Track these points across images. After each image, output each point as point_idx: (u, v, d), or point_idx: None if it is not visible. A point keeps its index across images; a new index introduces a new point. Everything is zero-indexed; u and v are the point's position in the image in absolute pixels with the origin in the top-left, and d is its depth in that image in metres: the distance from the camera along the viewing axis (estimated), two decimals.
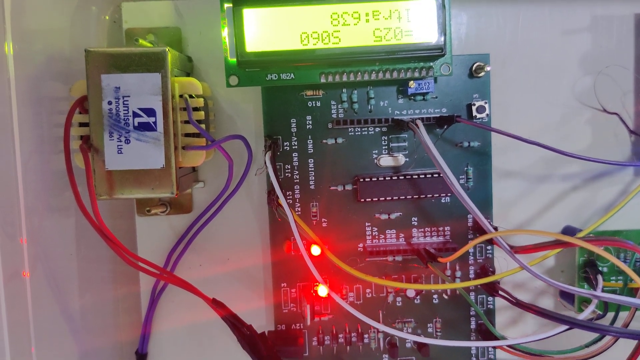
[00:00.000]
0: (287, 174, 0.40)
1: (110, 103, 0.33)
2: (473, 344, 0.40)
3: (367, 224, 0.41)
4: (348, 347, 0.42)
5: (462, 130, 0.40)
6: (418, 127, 0.36)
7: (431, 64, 0.36)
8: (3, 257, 0.31)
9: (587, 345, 0.37)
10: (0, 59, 0.31)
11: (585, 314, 0.36)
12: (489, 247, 0.41)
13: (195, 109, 0.35)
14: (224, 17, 0.34)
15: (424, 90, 0.38)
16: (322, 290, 0.39)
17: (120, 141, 0.33)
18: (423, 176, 0.39)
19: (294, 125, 0.40)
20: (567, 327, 0.34)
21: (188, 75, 0.39)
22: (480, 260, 0.41)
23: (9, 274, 0.32)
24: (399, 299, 0.41)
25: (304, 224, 0.37)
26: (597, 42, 0.42)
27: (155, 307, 0.41)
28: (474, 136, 0.40)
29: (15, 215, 0.33)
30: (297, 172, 0.40)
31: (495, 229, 0.36)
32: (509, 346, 0.37)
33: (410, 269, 0.41)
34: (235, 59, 0.34)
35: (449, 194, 0.40)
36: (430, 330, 0.42)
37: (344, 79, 0.36)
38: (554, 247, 0.34)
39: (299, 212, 0.41)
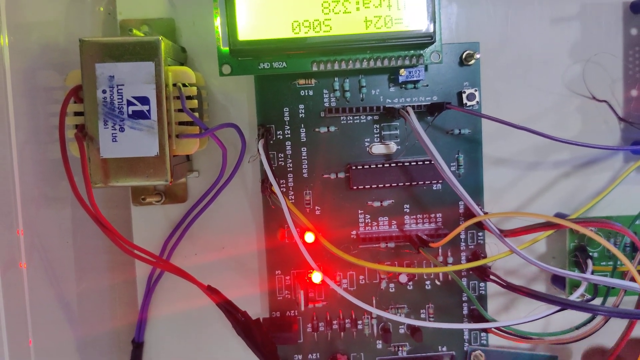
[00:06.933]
0: (280, 163, 0.41)
1: (104, 92, 0.33)
2: (464, 326, 0.41)
3: (359, 211, 0.41)
4: (342, 333, 0.42)
5: (452, 117, 0.41)
6: (409, 114, 0.37)
7: (421, 51, 0.36)
8: (0, 249, 0.31)
9: (578, 327, 0.38)
10: None
11: (574, 297, 0.37)
12: (480, 234, 0.42)
13: (189, 98, 0.35)
14: (217, 6, 0.34)
15: (415, 78, 0.39)
16: (316, 277, 0.40)
17: (115, 129, 0.34)
18: (414, 163, 0.40)
19: (286, 114, 0.40)
20: (558, 308, 0.34)
21: (182, 65, 0.40)
22: (472, 247, 0.42)
23: (6, 265, 0.32)
24: (391, 285, 0.42)
25: (298, 212, 0.37)
26: (586, 30, 0.42)
27: (152, 295, 0.42)
28: (464, 123, 0.41)
29: (12, 206, 0.33)
30: (290, 160, 0.41)
31: (486, 214, 0.36)
32: (501, 329, 0.38)
33: (403, 255, 0.41)
34: (227, 48, 0.34)
35: (440, 181, 0.41)
36: (423, 316, 0.42)
37: (336, 67, 0.36)
38: (543, 229, 0.35)
39: (292, 200, 0.41)
